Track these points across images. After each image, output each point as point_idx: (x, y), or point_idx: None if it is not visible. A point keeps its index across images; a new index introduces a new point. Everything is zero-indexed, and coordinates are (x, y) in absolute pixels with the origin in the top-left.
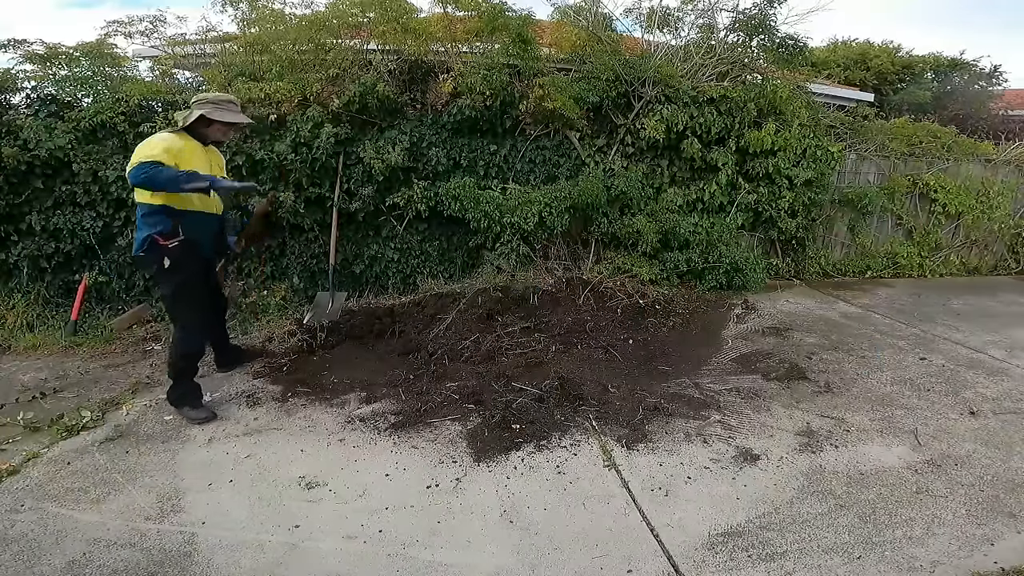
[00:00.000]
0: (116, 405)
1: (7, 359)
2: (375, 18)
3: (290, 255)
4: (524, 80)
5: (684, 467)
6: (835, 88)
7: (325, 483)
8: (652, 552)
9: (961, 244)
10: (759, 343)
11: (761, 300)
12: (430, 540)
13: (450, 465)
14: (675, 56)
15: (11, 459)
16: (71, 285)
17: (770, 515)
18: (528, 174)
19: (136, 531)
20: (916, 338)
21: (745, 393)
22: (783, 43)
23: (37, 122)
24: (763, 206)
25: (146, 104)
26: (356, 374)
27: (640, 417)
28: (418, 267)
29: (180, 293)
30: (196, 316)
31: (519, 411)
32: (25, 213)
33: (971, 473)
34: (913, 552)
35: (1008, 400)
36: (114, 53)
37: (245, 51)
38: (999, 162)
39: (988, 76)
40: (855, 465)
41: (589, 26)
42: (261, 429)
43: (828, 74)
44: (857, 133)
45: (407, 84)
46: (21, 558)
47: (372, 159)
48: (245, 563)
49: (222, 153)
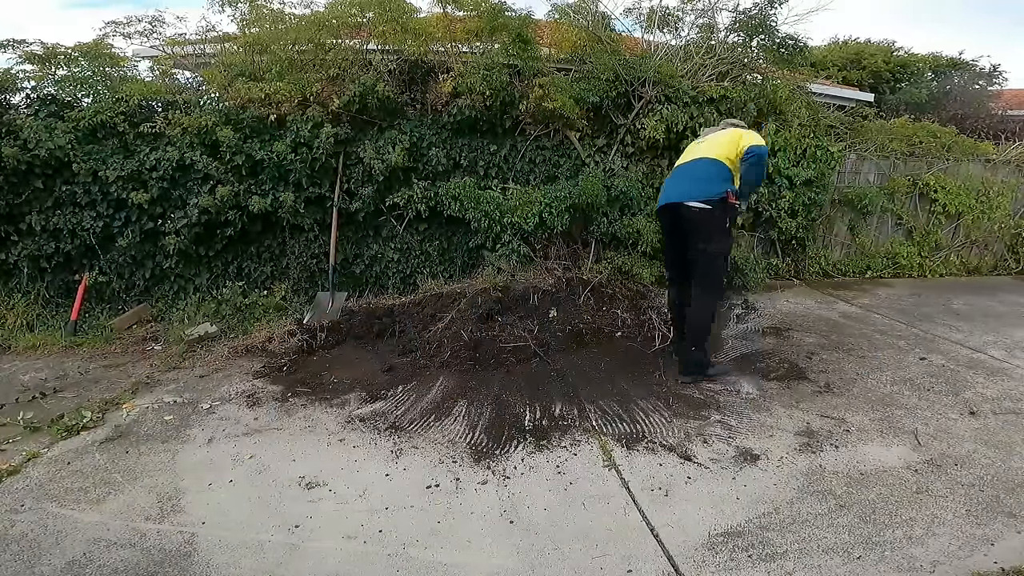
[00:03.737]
0: (116, 405)
1: (7, 359)
2: (375, 18)
3: (290, 255)
4: (524, 80)
5: (684, 467)
6: (835, 88)
7: (325, 483)
8: (652, 552)
9: (961, 244)
10: (759, 343)
11: (761, 300)
12: (430, 540)
13: (450, 465)
14: (675, 56)
15: (11, 459)
16: (71, 285)
17: (770, 515)
18: (528, 174)
19: (136, 531)
20: (916, 338)
21: (745, 393)
22: (783, 43)
23: (37, 122)
24: (763, 206)
25: (146, 104)
26: (356, 374)
27: (640, 417)
28: (418, 267)
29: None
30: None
31: (519, 411)
32: (25, 213)
33: (971, 473)
34: (913, 552)
35: (1008, 400)
36: (113, 53)
37: (245, 51)
38: (999, 162)
39: (987, 76)
40: (855, 465)
41: (589, 26)
42: (261, 429)
43: (827, 75)
44: (857, 133)
45: (407, 84)
46: (21, 558)
47: (372, 159)
48: (245, 563)
49: (221, 153)
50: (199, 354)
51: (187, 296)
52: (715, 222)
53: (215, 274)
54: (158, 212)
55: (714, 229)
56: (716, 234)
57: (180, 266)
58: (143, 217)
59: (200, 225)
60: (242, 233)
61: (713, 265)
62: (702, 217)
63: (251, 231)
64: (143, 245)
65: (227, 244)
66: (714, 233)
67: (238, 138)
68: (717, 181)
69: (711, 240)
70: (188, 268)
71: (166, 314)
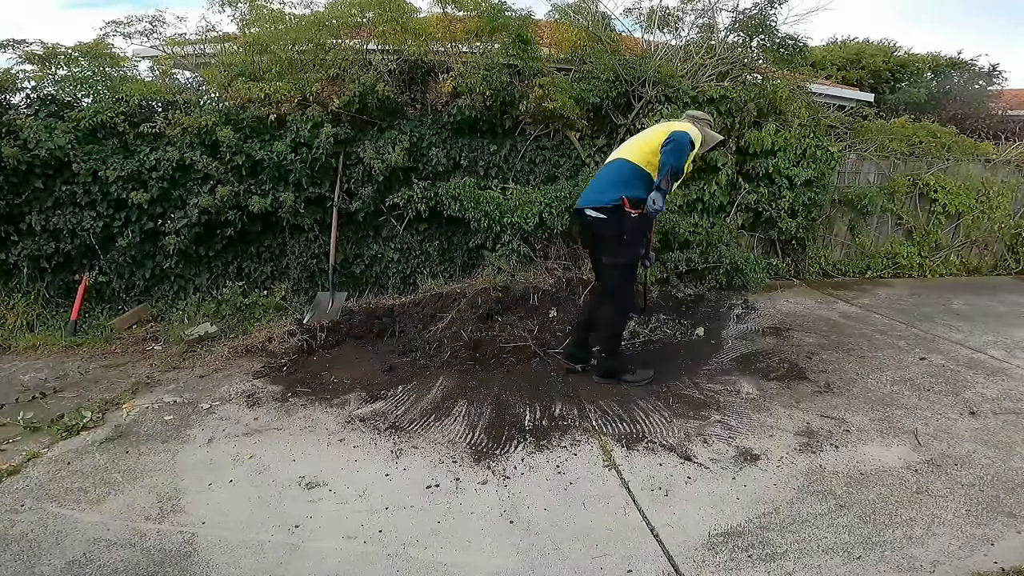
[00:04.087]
0: (116, 405)
1: (7, 359)
2: (375, 18)
3: (290, 255)
4: (524, 80)
5: (684, 467)
6: (835, 88)
7: (325, 483)
8: (652, 552)
9: (961, 244)
10: (759, 343)
11: (761, 300)
12: (430, 540)
13: (450, 465)
14: (675, 56)
15: (11, 459)
16: (71, 285)
17: (770, 515)
18: (528, 174)
19: (136, 531)
20: (916, 338)
21: (745, 393)
22: (783, 43)
23: (37, 122)
24: (763, 206)
25: (146, 104)
26: (356, 374)
27: (640, 416)
28: (418, 267)
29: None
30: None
31: (519, 411)
32: (25, 213)
33: (971, 473)
34: (913, 552)
35: (1008, 400)
36: (113, 53)
37: (245, 51)
38: (999, 162)
39: (987, 75)
40: (855, 465)
41: (589, 26)
42: (261, 429)
43: (827, 75)
44: (857, 133)
45: (407, 84)
46: (21, 558)
47: (372, 159)
48: (245, 563)
49: (221, 153)
50: (199, 354)
51: (187, 296)
52: (608, 232)
53: (215, 274)
54: (158, 212)
55: (608, 239)
56: (610, 244)
57: (180, 266)
58: (143, 217)
59: (200, 225)
60: (242, 233)
61: (612, 275)
62: (597, 225)
63: (251, 231)
64: (143, 245)
65: (227, 244)
66: (607, 243)
67: (238, 138)
68: (617, 186)
69: (605, 250)
70: (188, 268)
71: (166, 314)
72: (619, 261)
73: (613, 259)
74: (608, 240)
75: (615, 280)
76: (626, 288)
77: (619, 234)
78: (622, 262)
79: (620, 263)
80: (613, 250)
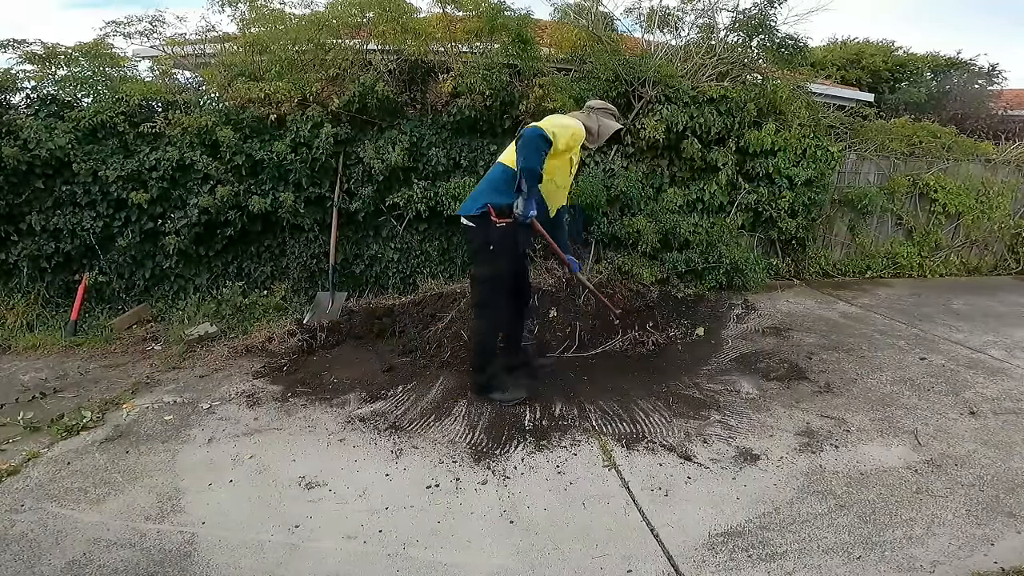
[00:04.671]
0: (116, 405)
1: (7, 359)
2: (375, 18)
3: (290, 255)
4: (524, 80)
5: (684, 467)
6: (835, 88)
7: (325, 483)
8: (652, 552)
9: (961, 244)
10: (759, 343)
11: (761, 300)
12: (430, 540)
13: (450, 465)
14: (675, 56)
15: (11, 459)
16: (71, 285)
17: (770, 515)
18: None
19: (136, 531)
20: (916, 338)
21: (745, 393)
22: (783, 43)
23: (37, 122)
24: (763, 206)
25: (146, 104)
26: (356, 374)
27: (640, 416)
28: (418, 267)
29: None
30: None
31: (519, 410)
32: (25, 213)
33: (971, 473)
34: (913, 552)
35: (1008, 400)
36: (113, 53)
37: (245, 51)
38: (999, 162)
39: (987, 75)
40: (855, 465)
41: (589, 26)
42: (261, 429)
43: (827, 75)
44: (857, 133)
45: (407, 84)
46: (21, 558)
47: (372, 159)
48: (245, 563)
49: (221, 153)
50: (199, 354)
51: (187, 296)
52: (476, 241)
53: (215, 274)
54: (158, 212)
55: (476, 249)
56: (477, 255)
57: (180, 266)
58: (143, 217)
59: (200, 225)
60: (242, 233)
61: (479, 288)
62: (467, 233)
63: (251, 231)
64: (143, 245)
65: (227, 244)
66: (475, 253)
67: (238, 138)
68: (485, 193)
69: (473, 260)
70: (188, 268)
71: (166, 314)
72: (485, 273)
73: (480, 270)
74: (475, 250)
75: (483, 294)
76: (493, 302)
77: (485, 244)
78: (488, 274)
79: (487, 275)
80: (479, 261)
